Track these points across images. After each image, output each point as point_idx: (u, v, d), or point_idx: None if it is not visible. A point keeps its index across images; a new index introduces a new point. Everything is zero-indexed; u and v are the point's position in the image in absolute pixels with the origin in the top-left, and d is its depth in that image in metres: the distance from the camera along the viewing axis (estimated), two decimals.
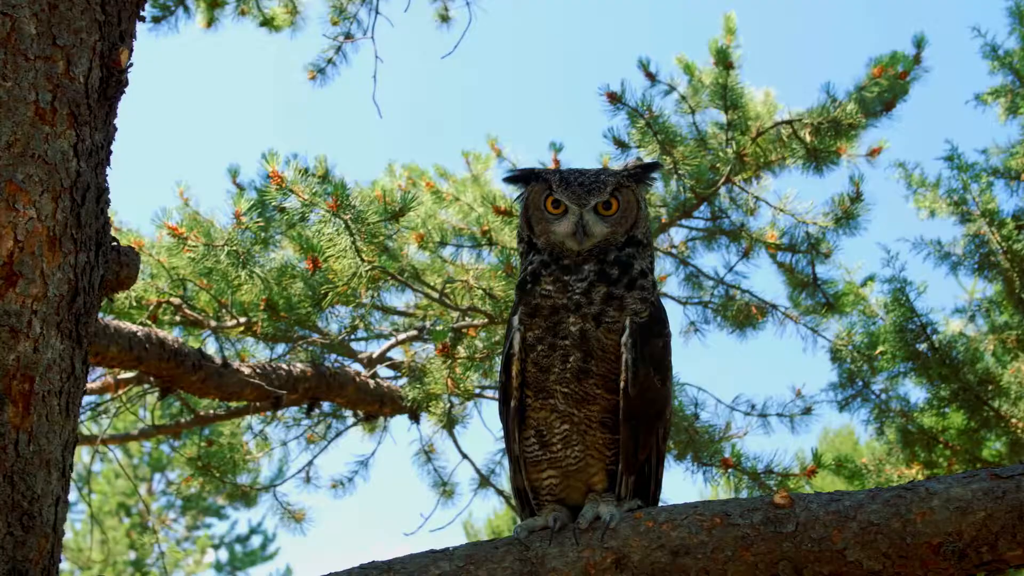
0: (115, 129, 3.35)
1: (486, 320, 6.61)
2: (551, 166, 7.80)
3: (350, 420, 8.21)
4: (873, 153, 7.74)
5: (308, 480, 8.17)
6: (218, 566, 24.13)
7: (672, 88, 7.94)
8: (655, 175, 3.33)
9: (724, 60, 7.66)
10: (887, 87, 7.60)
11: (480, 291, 6.60)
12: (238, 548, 24.47)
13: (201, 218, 6.99)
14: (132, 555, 22.13)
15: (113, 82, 3.29)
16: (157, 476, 23.29)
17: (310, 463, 8.16)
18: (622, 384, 2.94)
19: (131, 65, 3.36)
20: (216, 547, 24.14)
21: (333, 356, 7.54)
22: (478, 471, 7.95)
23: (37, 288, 2.88)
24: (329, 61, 8.78)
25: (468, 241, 7.16)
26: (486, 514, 22.06)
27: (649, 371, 2.97)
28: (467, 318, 6.89)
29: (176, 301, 6.91)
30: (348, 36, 8.66)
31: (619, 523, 2.83)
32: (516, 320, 3.06)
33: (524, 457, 3.09)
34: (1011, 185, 7.75)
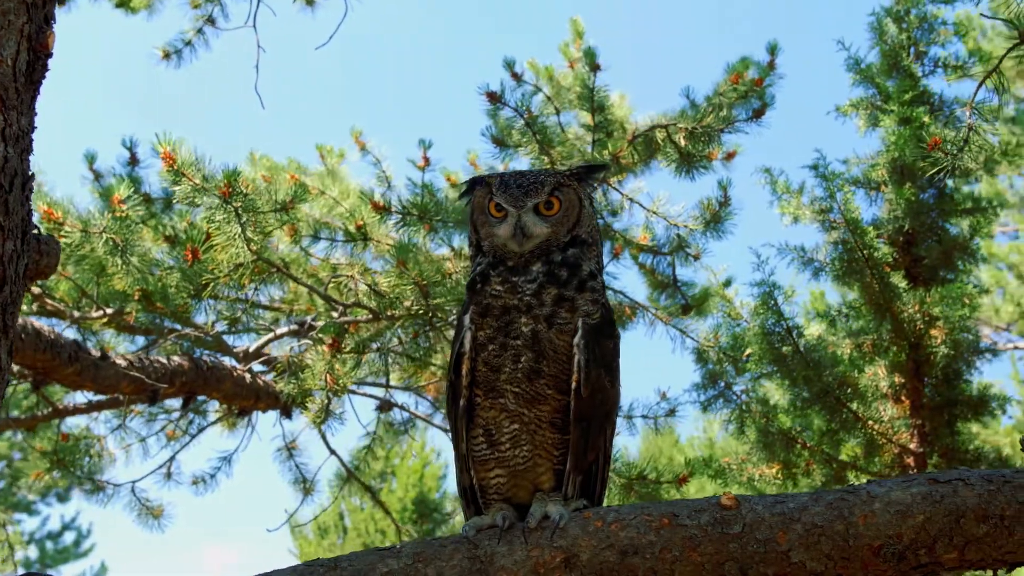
0: (36, 114, 3.26)
1: (370, 315, 6.56)
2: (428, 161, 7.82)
3: (212, 416, 8.05)
4: (729, 157, 7.92)
5: (169, 476, 7.96)
6: (27, 564, 23.30)
7: (538, 89, 8.00)
8: (599, 175, 3.38)
9: (591, 62, 7.75)
10: (744, 92, 7.77)
11: (365, 286, 6.54)
12: (49, 545, 23.66)
13: (60, 203, 6.72)
14: None
15: (39, 66, 3.20)
16: None
17: (172, 458, 7.96)
18: (574, 385, 2.96)
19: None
20: (26, 544, 23.30)
21: (203, 351, 7.37)
22: (345, 467, 7.88)
23: None
24: (187, 43, 8.42)
25: (342, 236, 7.08)
26: (311, 511, 21.72)
27: (600, 372, 3.00)
28: (348, 313, 6.82)
29: (36, 290, 6.65)
30: (210, 20, 8.42)
31: (568, 522, 2.86)
32: (467, 319, 3.07)
33: (472, 456, 3.10)
34: (870, 195, 8.06)
